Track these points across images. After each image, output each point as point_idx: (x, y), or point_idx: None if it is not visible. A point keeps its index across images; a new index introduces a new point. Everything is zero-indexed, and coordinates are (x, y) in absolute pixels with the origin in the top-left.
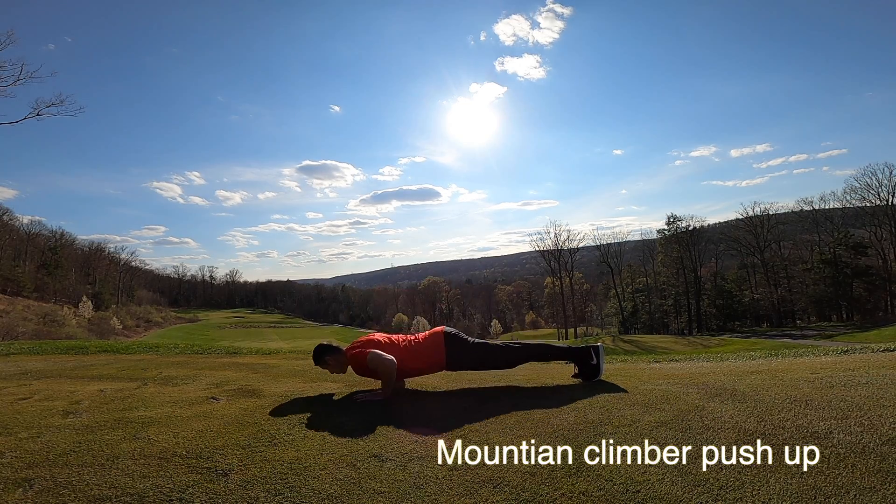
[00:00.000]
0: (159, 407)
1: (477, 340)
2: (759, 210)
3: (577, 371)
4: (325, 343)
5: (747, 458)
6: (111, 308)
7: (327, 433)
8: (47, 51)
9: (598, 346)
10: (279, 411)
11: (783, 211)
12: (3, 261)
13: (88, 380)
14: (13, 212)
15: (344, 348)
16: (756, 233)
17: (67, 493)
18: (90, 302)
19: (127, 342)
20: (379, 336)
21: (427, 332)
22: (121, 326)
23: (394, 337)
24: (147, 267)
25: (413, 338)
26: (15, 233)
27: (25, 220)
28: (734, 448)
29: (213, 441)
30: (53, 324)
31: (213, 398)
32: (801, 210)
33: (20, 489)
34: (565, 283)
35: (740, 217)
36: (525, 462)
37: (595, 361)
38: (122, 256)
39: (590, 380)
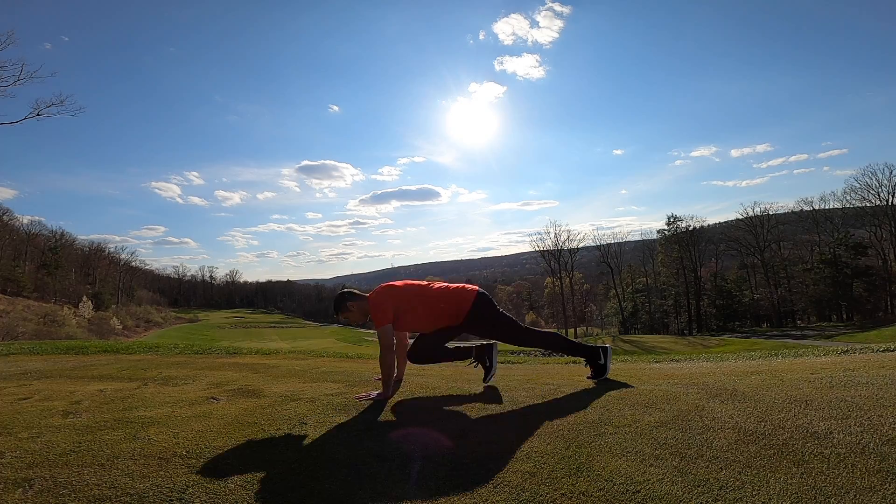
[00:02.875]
0: (159, 407)
1: (503, 311)
2: (759, 210)
3: (592, 373)
4: (347, 290)
5: (747, 458)
6: (111, 308)
7: (327, 433)
8: (44, 50)
9: (606, 347)
10: (279, 411)
11: (783, 211)
12: (3, 261)
13: (88, 380)
14: (13, 212)
15: (366, 296)
16: (756, 233)
17: (67, 493)
18: (90, 302)
19: (127, 342)
20: (401, 283)
21: (463, 285)
22: (121, 326)
23: (415, 283)
24: (147, 267)
25: (442, 287)
26: (15, 233)
27: (25, 220)
28: (734, 448)
29: (213, 441)
30: (53, 324)
31: (213, 398)
32: (801, 210)
33: (20, 489)
34: (565, 284)
35: (740, 217)
36: (525, 462)
37: (602, 361)
38: (122, 256)
39: (596, 378)
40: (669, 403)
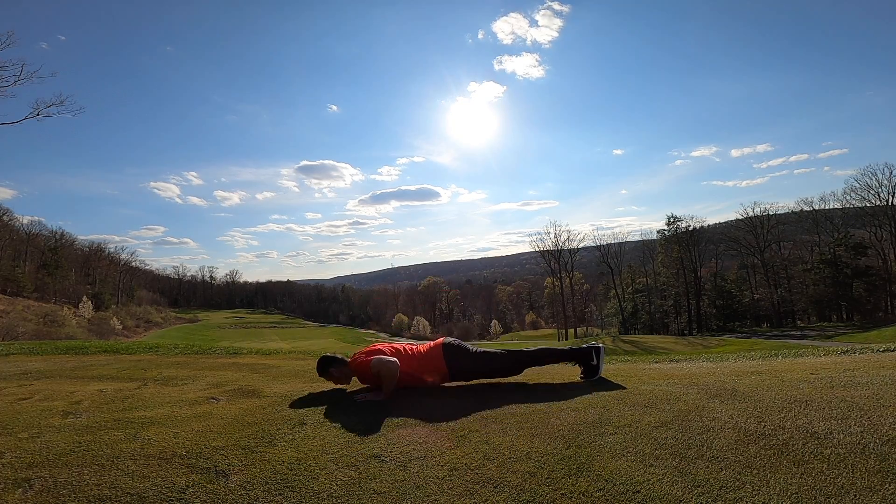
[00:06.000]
0: (159, 407)
1: (479, 350)
2: (759, 210)
3: (582, 372)
4: (328, 355)
5: (747, 458)
6: (111, 308)
7: (327, 433)
8: (40, 49)
9: (599, 347)
10: (279, 411)
11: (783, 211)
12: (3, 261)
13: (88, 380)
14: (13, 212)
15: (347, 360)
16: (756, 233)
17: (67, 493)
18: (90, 302)
19: (127, 342)
20: (383, 346)
21: (429, 343)
22: (121, 327)
23: (397, 345)
24: (147, 267)
25: (415, 348)
26: (15, 233)
27: (25, 220)
28: (734, 448)
29: (213, 441)
30: (53, 324)
31: (213, 398)
32: (801, 210)
33: (20, 489)
34: (565, 284)
35: (740, 217)
36: (525, 462)
37: (595, 362)
38: (122, 257)
39: (588, 378)
40: (669, 403)
